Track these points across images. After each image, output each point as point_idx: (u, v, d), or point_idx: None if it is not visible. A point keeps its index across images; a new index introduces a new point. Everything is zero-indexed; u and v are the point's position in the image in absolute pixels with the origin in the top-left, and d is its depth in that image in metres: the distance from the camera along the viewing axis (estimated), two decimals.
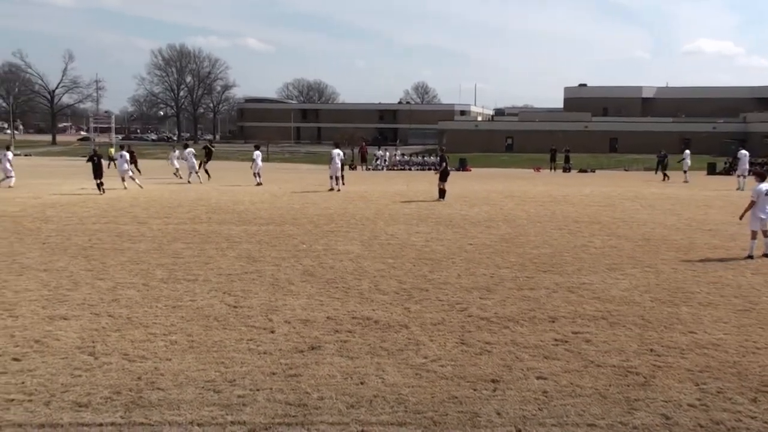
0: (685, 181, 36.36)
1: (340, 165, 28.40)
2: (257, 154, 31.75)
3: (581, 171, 54.10)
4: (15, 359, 6.63)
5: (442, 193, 23.88)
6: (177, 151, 37.75)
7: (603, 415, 5.48)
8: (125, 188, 26.80)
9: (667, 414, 5.50)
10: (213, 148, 33.63)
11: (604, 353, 7.04)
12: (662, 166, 40.69)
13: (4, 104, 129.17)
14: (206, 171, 33.31)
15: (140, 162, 42.07)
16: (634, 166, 58.69)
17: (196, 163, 32.67)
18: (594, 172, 53.85)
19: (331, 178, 28.17)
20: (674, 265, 11.85)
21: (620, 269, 11.43)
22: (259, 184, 30.11)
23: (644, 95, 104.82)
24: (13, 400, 5.61)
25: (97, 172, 25.52)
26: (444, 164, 24.14)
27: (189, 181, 31.57)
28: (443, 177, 24.00)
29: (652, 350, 7.16)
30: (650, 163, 51.61)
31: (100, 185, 25.33)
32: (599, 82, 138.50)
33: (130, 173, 28.71)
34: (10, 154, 29.12)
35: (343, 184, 29.08)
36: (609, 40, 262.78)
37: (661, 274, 11.09)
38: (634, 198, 25.90)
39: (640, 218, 18.79)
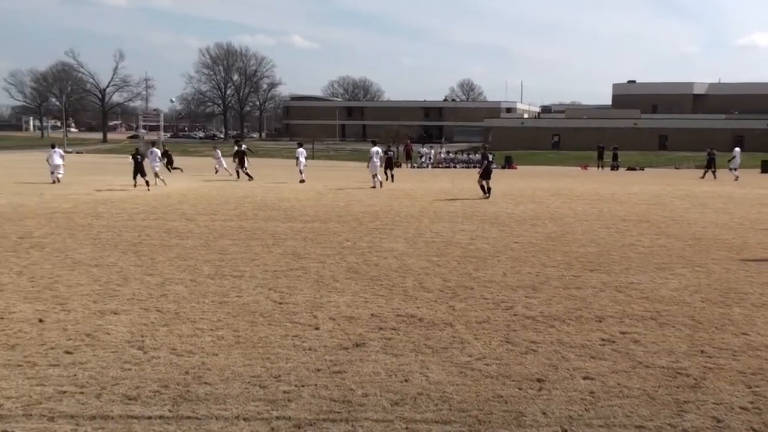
0: (735, 179, 35.55)
1: (378, 162, 28.69)
2: (300, 152, 32.39)
3: (629, 169, 53.33)
4: (67, 352, 6.78)
5: (487, 190, 23.76)
6: (218, 150, 38.26)
7: (651, 416, 5.38)
8: (155, 184, 27.20)
9: (718, 417, 5.39)
10: (244, 148, 33.17)
11: (653, 354, 6.92)
12: (711, 164, 39.90)
13: (57, 103, 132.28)
14: (245, 173, 33.03)
15: (184, 159, 42.61)
16: (685, 164, 57.69)
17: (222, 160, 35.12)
18: (643, 170, 53.06)
19: (374, 176, 28.33)
20: (726, 265, 11.59)
21: (670, 269, 11.23)
22: (302, 181, 30.45)
23: (695, 91, 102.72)
24: (65, 392, 5.73)
25: (139, 170, 26.22)
26: (486, 162, 24.02)
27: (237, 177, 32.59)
28: (486, 175, 23.88)
29: (702, 352, 7.01)
30: (701, 161, 50.60)
31: (147, 182, 26.07)
32: (648, 78, 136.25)
33: (157, 170, 29.27)
34: (60, 151, 30.91)
35: (392, 181, 29.50)
36: (659, 35, 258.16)
37: (713, 274, 10.86)
38: (685, 196, 25.42)
39: (690, 217, 18.43)
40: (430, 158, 56.74)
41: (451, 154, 60.40)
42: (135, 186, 26.31)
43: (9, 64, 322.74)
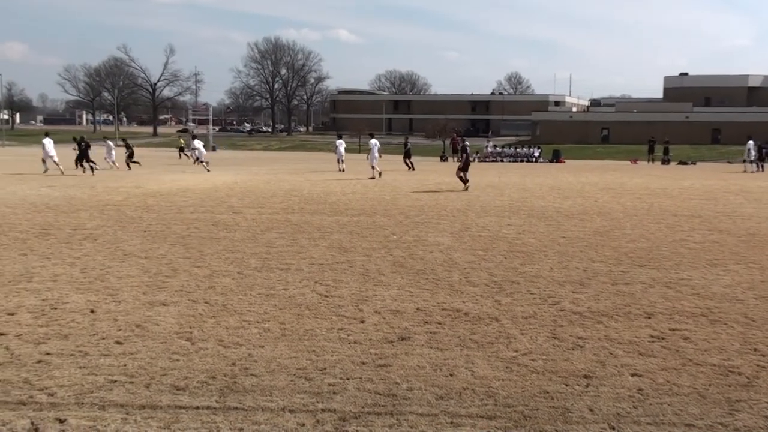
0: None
1: (377, 154, 30.55)
2: (339, 143, 32.64)
3: (681, 163, 52.35)
4: (117, 342, 6.91)
5: (464, 181, 23.87)
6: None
7: (702, 415, 5.27)
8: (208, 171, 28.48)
9: None
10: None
11: (704, 351, 6.78)
12: (761, 157, 39.07)
13: (109, 97, 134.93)
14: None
15: (231, 153, 43.44)
16: (738, 159, 56.30)
17: None
18: (695, 164, 52.03)
19: (372, 168, 29.95)
20: None
21: (722, 265, 10.98)
22: (341, 170, 30.81)
23: (750, 84, 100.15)
24: (115, 381, 5.84)
25: (84, 156, 31.75)
26: (464, 154, 23.99)
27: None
28: (464, 167, 24.00)
29: (755, 350, 6.84)
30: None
31: (91, 168, 31.24)
32: (699, 71, 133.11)
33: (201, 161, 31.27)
34: (111, 143, 36.32)
35: (414, 169, 31.05)
36: (710, 27, 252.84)
37: (767, 270, 10.59)
38: (739, 191, 24.83)
39: (744, 212, 18.00)
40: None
41: (498, 148, 59.96)
42: (82, 171, 30.90)
43: (63, 59, 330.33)
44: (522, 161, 54.51)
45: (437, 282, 9.68)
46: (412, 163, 37.11)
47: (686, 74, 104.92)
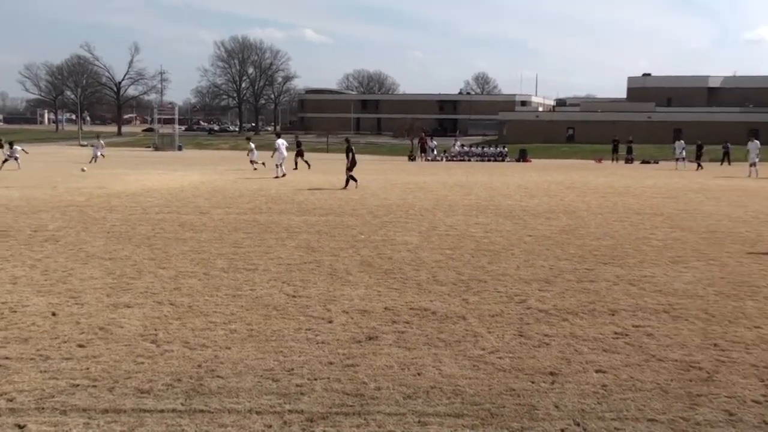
0: (750, 175, 35.03)
1: (285, 154, 30.62)
2: (280, 143, 30.76)
3: (644, 162, 53.03)
4: (80, 346, 6.81)
5: (348, 181, 24.30)
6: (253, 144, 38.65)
7: (664, 410, 5.35)
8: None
9: (730, 410, 5.35)
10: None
11: (666, 347, 6.88)
12: (727, 156, 39.80)
13: (72, 96, 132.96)
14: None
15: (197, 153, 42.97)
16: (702, 158, 57.17)
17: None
18: (657, 163, 52.71)
19: (276, 166, 29.95)
20: (740, 258, 11.51)
21: (683, 262, 11.15)
22: (280, 176, 29.25)
23: (710, 85, 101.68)
24: (78, 385, 5.76)
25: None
26: (351, 154, 24.49)
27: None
28: (351, 167, 24.40)
29: (715, 345, 6.97)
30: (716, 155, 50.25)
31: None
32: (661, 72, 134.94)
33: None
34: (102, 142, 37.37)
35: (297, 168, 32.79)
36: (673, 29, 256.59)
37: (726, 267, 10.78)
38: (699, 189, 25.26)
39: (704, 210, 18.31)
40: (433, 150, 56.68)
41: (465, 148, 60.21)
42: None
43: (23, 57, 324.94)
44: (489, 160, 54.78)
45: (405, 281, 9.70)
46: (307, 162, 37.74)
47: (649, 75, 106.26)
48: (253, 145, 37.68)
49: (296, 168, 36.19)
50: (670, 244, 12.78)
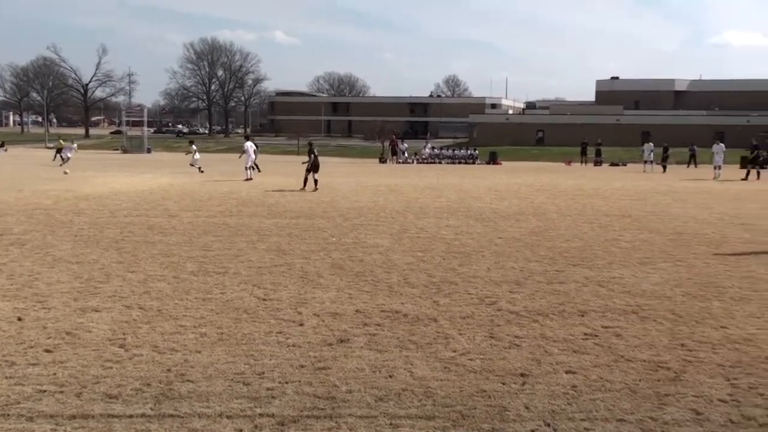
0: (715, 178, 35.37)
1: (254, 156, 30.81)
2: (249, 145, 30.59)
3: (613, 164, 53.59)
4: (47, 351, 6.71)
5: (307, 182, 24.76)
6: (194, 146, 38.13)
7: (633, 410, 5.41)
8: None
9: (697, 409, 5.43)
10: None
11: (635, 348, 6.96)
12: (693, 158, 40.38)
13: (38, 98, 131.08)
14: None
15: (165, 156, 42.56)
16: (668, 160, 57.92)
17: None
18: (625, 165, 53.29)
19: (245, 168, 30.01)
20: (706, 259, 11.68)
21: (651, 263, 11.29)
22: (248, 179, 28.95)
23: (677, 88, 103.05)
24: (45, 391, 5.68)
25: None
26: (312, 156, 24.89)
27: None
28: (314, 168, 24.83)
29: (683, 345, 7.06)
30: (683, 157, 50.92)
31: None
32: (630, 75, 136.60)
33: None
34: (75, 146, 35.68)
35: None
36: (642, 32, 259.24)
37: (693, 268, 10.94)
38: (666, 192, 25.59)
39: (672, 212, 18.56)
40: (404, 153, 56.85)
41: (436, 150, 60.37)
42: None
43: None
44: (460, 163, 54.99)
45: (376, 284, 9.70)
46: (257, 164, 35.72)
47: (617, 78, 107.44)
48: (195, 147, 37.16)
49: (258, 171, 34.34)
50: (638, 246, 12.93)
